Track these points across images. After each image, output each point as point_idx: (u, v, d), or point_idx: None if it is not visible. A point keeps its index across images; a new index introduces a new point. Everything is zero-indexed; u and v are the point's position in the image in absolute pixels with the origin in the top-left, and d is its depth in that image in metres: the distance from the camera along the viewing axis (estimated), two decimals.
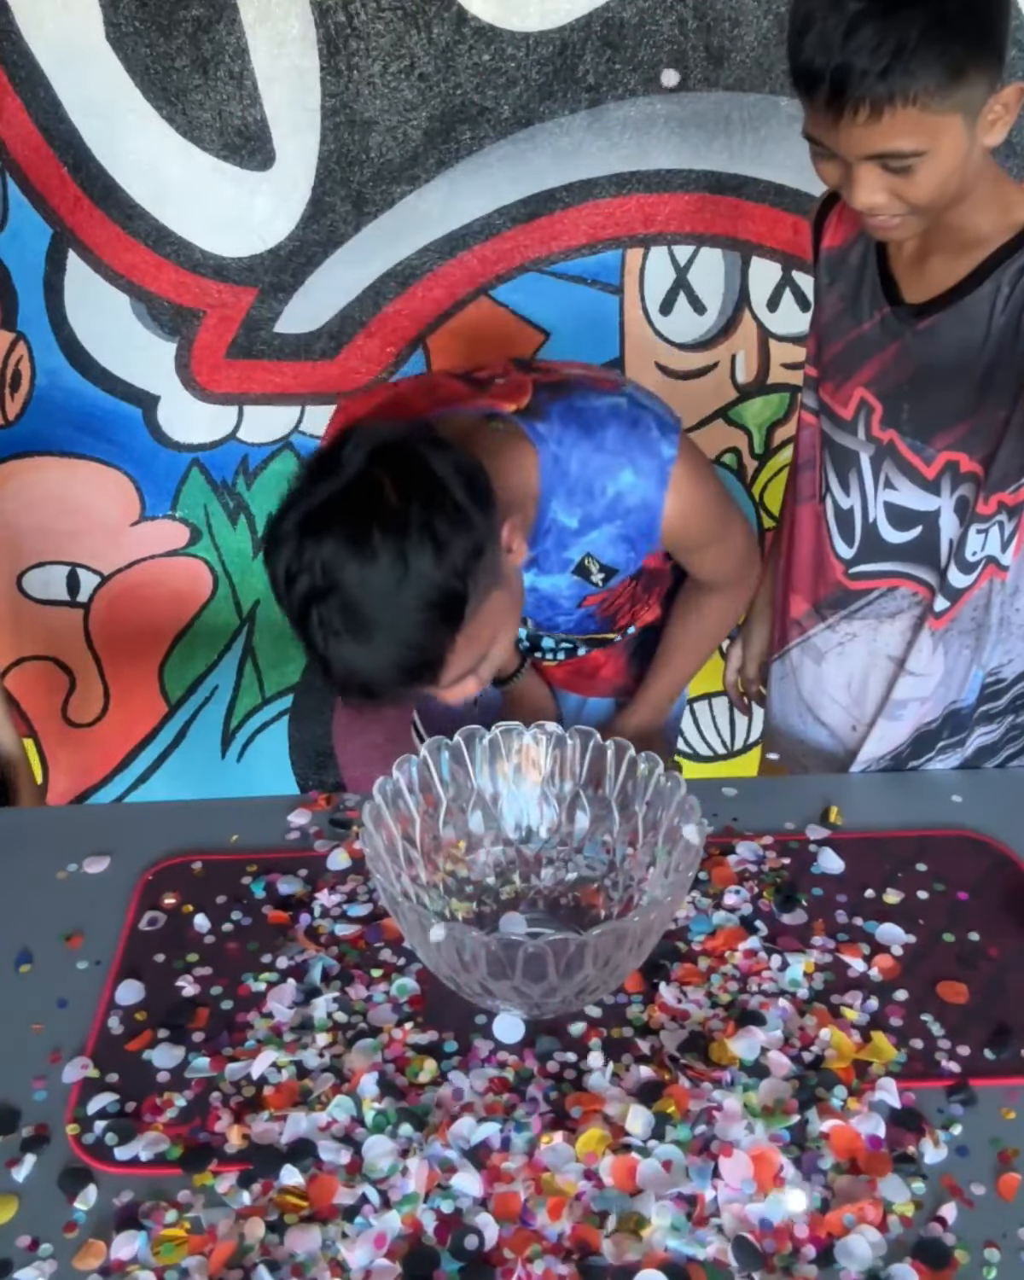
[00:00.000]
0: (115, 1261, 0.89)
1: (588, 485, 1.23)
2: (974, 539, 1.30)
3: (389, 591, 0.99)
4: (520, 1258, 0.87)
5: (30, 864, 1.26)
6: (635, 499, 1.24)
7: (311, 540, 1.00)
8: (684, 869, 1.03)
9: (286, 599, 1.02)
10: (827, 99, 1.07)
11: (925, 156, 1.08)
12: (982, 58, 1.05)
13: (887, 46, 1.02)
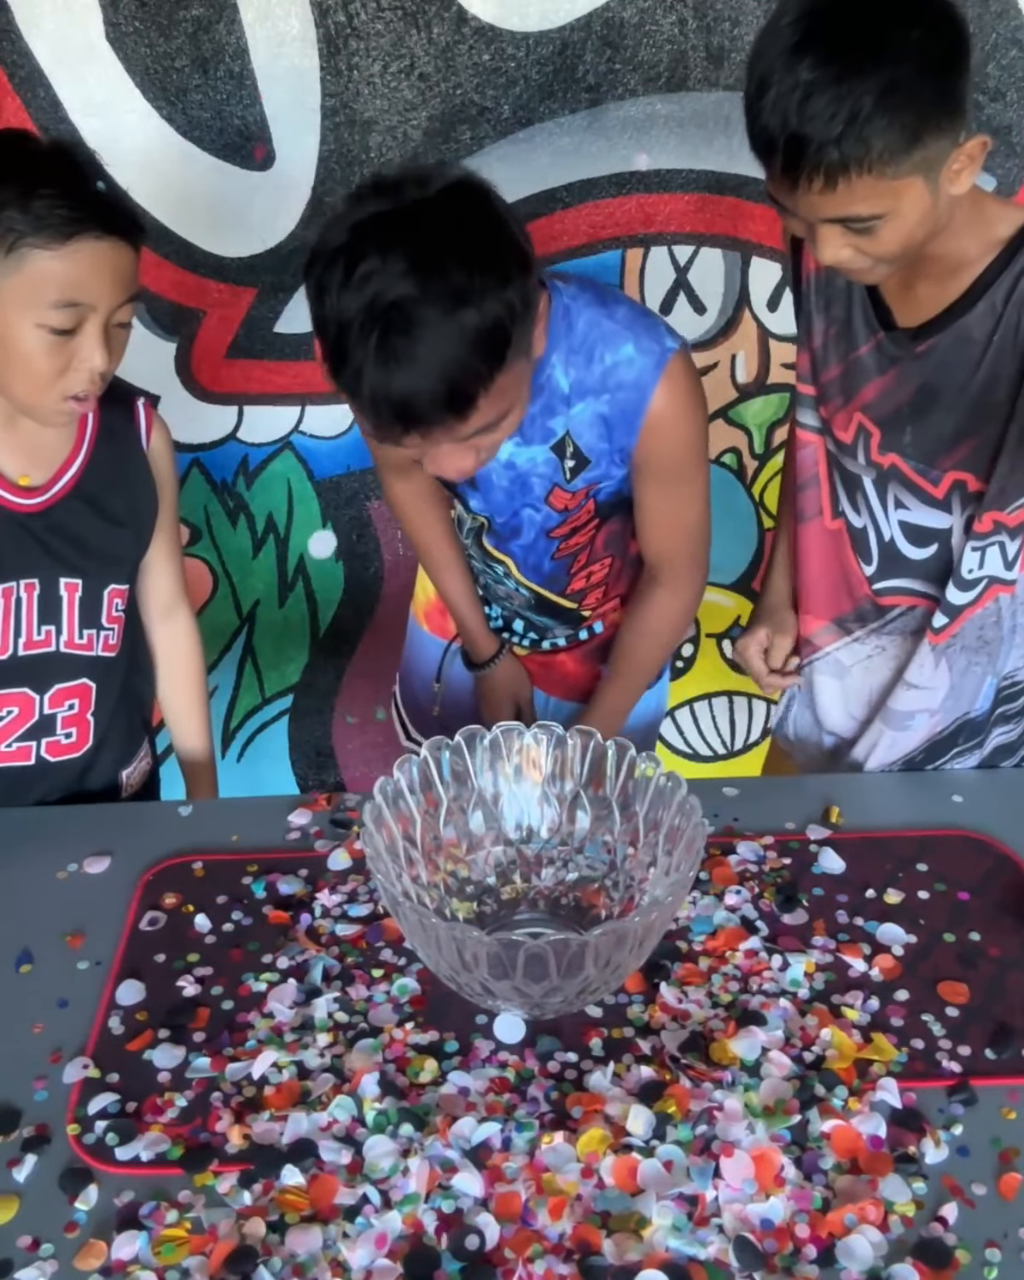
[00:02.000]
0: (116, 1262, 0.89)
1: (590, 348, 1.25)
2: (970, 556, 1.29)
3: (447, 312, 1.00)
4: (521, 1258, 0.87)
5: (30, 864, 1.26)
6: (630, 374, 1.26)
7: (374, 251, 1.00)
8: (685, 869, 1.03)
9: (331, 307, 1.03)
10: (782, 166, 1.06)
11: (886, 218, 1.08)
12: (939, 119, 1.03)
13: (840, 116, 1.00)
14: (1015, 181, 1.76)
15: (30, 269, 1.13)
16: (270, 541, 2.07)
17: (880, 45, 1.01)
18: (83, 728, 1.42)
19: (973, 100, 1.07)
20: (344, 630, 2.16)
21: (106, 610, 1.39)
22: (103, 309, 1.17)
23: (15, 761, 1.39)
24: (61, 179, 1.14)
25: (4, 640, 1.33)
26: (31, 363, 1.18)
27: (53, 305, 1.14)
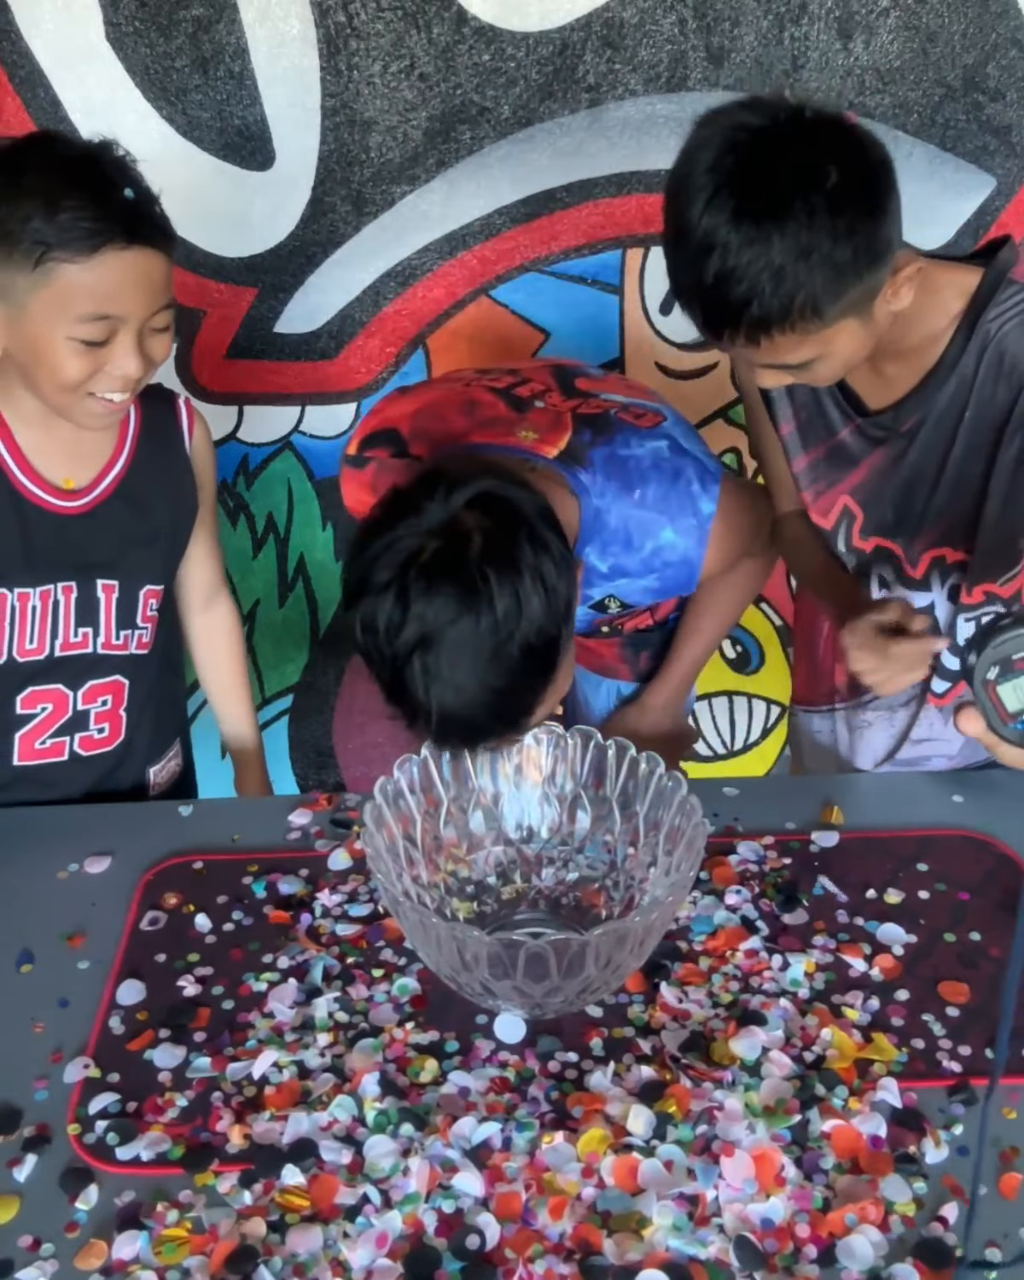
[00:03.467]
0: (117, 1261, 0.89)
1: (626, 538, 1.24)
2: (963, 626, 1.29)
3: (499, 640, 0.98)
4: (522, 1258, 0.87)
5: (31, 864, 1.26)
6: (675, 555, 1.25)
7: (418, 590, 0.98)
8: (685, 869, 1.03)
9: (384, 649, 1.00)
10: (703, 323, 1.05)
11: (820, 358, 1.07)
12: (862, 268, 1.01)
13: (758, 280, 0.98)
14: (1015, 182, 1.76)
15: (58, 282, 1.12)
16: (270, 541, 2.07)
17: (792, 203, 0.97)
18: (115, 723, 1.43)
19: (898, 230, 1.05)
20: (344, 630, 2.16)
21: (142, 610, 1.40)
22: (134, 320, 1.16)
23: (49, 758, 1.40)
24: (87, 187, 1.12)
25: (42, 642, 1.34)
26: (61, 371, 1.17)
27: (82, 319, 1.14)
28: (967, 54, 1.67)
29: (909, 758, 1.44)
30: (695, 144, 1.03)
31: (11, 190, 1.11)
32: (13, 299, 1.14)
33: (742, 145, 1.00)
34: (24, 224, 1.10)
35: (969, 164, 1.74)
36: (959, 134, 1.72)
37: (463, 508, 1.01)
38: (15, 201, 1.11)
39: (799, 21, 1.63)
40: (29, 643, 1.33)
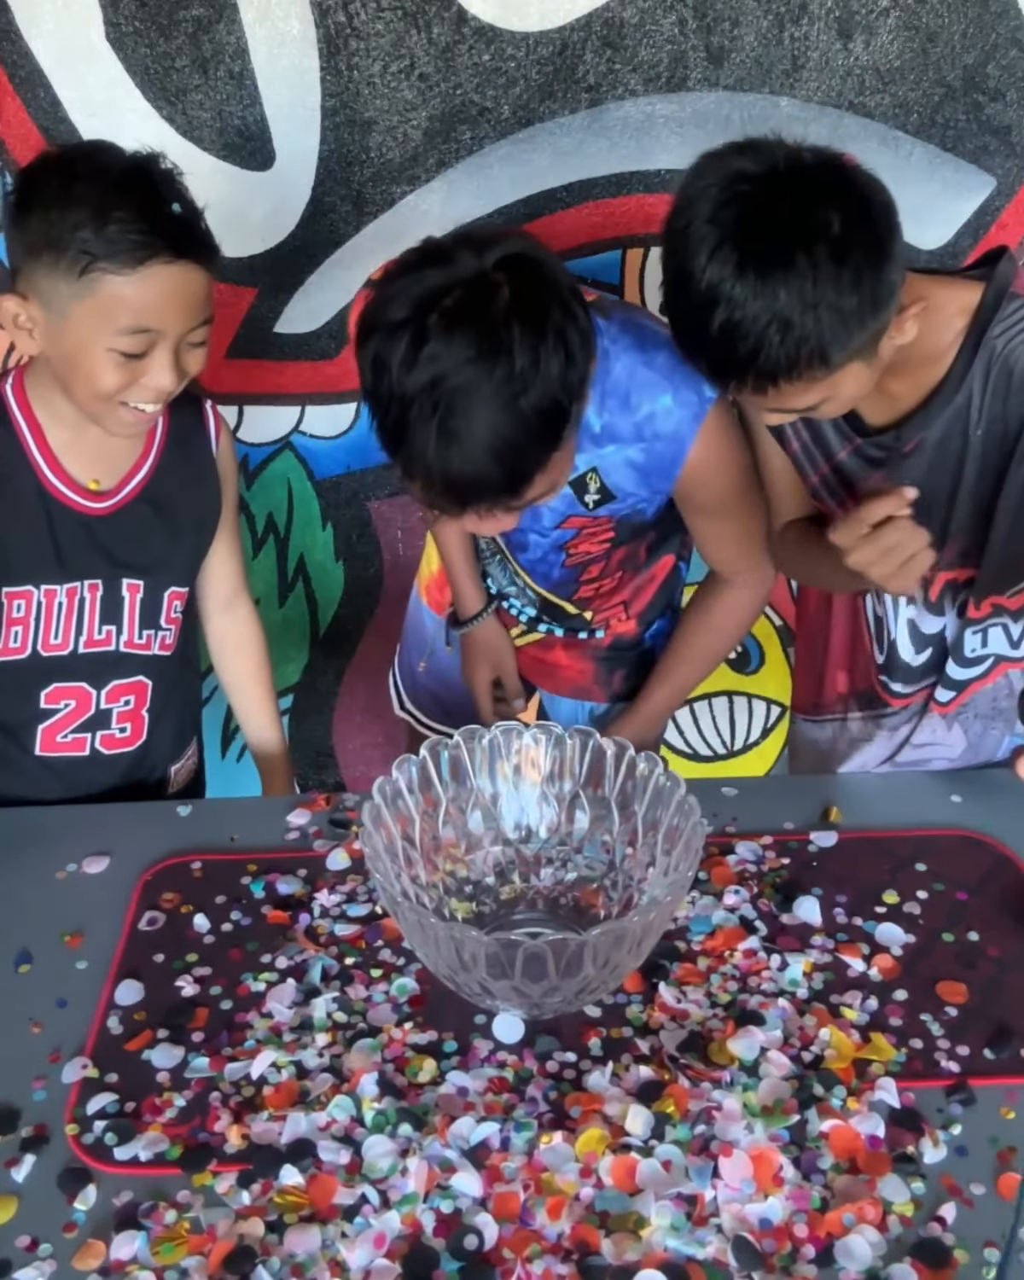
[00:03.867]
0: (115, 1262, 0.89)
1: (626, 395, 1.23)
2: (970, 639, 1.29)
3: (511, 399, 0.98)
4: (520, 1258, 0.87)
5: (30, 864, 1.26)
6: (668, 425, 1.24)
7: (437, 331, 0.98)
8: (684, 869, 1.03)
9: (390, 388, 1.01)
10: (709, 373, 1.05)
11: (826, 401, 1.07)
12: (866, 316, 1.01)
13: (763, 334, 0.98)
14: (1015, 182, 1.76)
15: (102, 293, 1.13)
16: (270, 541, 2.07)
17: (794, 256, 0.97)
18: (137, 723, 1.45)
19: (899, 240, 1.04)
20: (344, 630, 2.16)
21: (166, 611, 1.41)
22: (173, 334, 1.18)
23: (70, 752, 1.42)
24: (136, 200, 1.13)
25: (66, 638, 1.35)
26: (96, 381, 1.19)
27: (123, 331, 1.15)
28: (967, 54, 1.66)
29: (909, 760, 1.44)
30: (693, 194, 1.02)
31: (62, 198, 1.12)
32: (55, 306, 1.15)
33: (741, 196, 0.99)
34: (73, 232, 1.11)
35: (969, 164, 1.74)
36: (959, 134, 1.72)
37: (495, 266, 1.01)
38: (65, 209, 1.11)
39: (799, 21, 1.63)
40: (54, 638, 1.35)
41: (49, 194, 1.13)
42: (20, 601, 1.32)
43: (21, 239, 1.15)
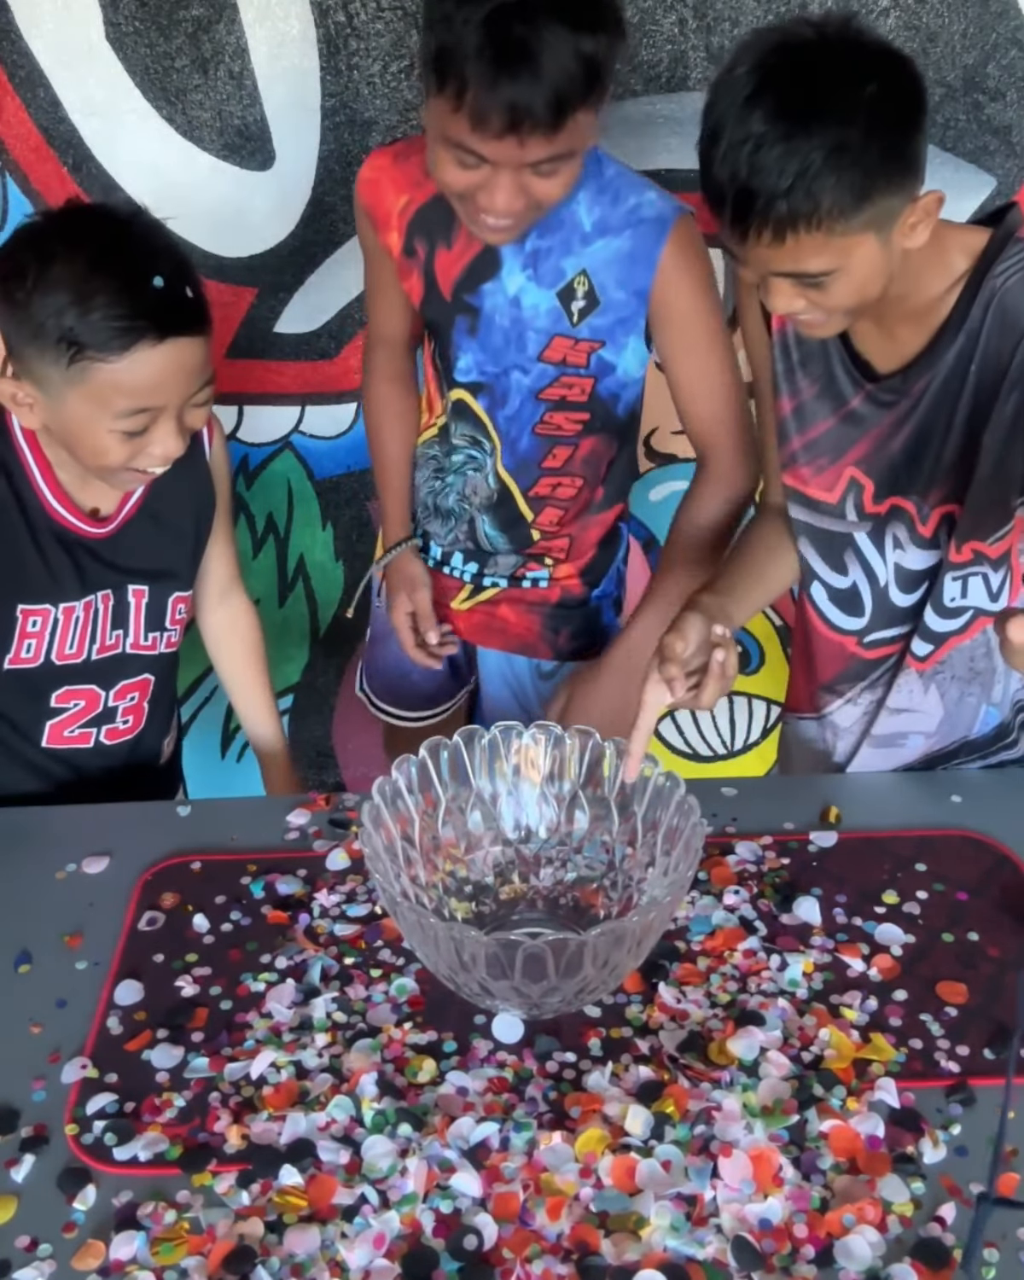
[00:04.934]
0: (114, 1262, 0.89)
1: (616, 190, 1.38)
2: (950, 586, 1.29)
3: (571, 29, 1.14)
4: (519, 1258, 0.87)
5: (30, 864, 1.26)
6: (651, 212, 1.37)
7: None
8: (683, 869, 1.03)
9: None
10: (731, 218, 1.06)
11: (837, 273, 1.08)
12: (890, 177, 1.03)
13: (788, 172, 1.00)
14: (1015, 181, 1.76)
15: (94, 381, 1.12)
16: (270, 541, 2.07)
17: (831, 102, 1.00)
18: (138, 715, 1.48)
19: (926, 155, 1.08)
20: (344, 630, 2.17)
21: (170, 614, 1.43)
22: (174, 406, 1.17)
23: (75, 744, 1.44)
24: (116, 279, 1.10)
25: (81, 646, 1.37)
26: (102, 458, 1.19)
27: (121, 414, 1.14)
28: (967, 54, 1.66)
29: (886, 733, 1.42)
30: (742, 48, 1.06)
31: (41, 281, 1.09)
32: (50, 390, 1.14)
33: (788, 48, 1.03)
34: (55, 319, 1.09)
35: (969, 164, 1.74)
36: (959, 134, 1.72)
37: None
38: (45, 294, 1.09)
39: None
40: (69, 648, 1.37)
41: (30, 277, 1.10)
42: (37, 618, 1.33)
43: (9, 323, 1.13)
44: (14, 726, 1.40)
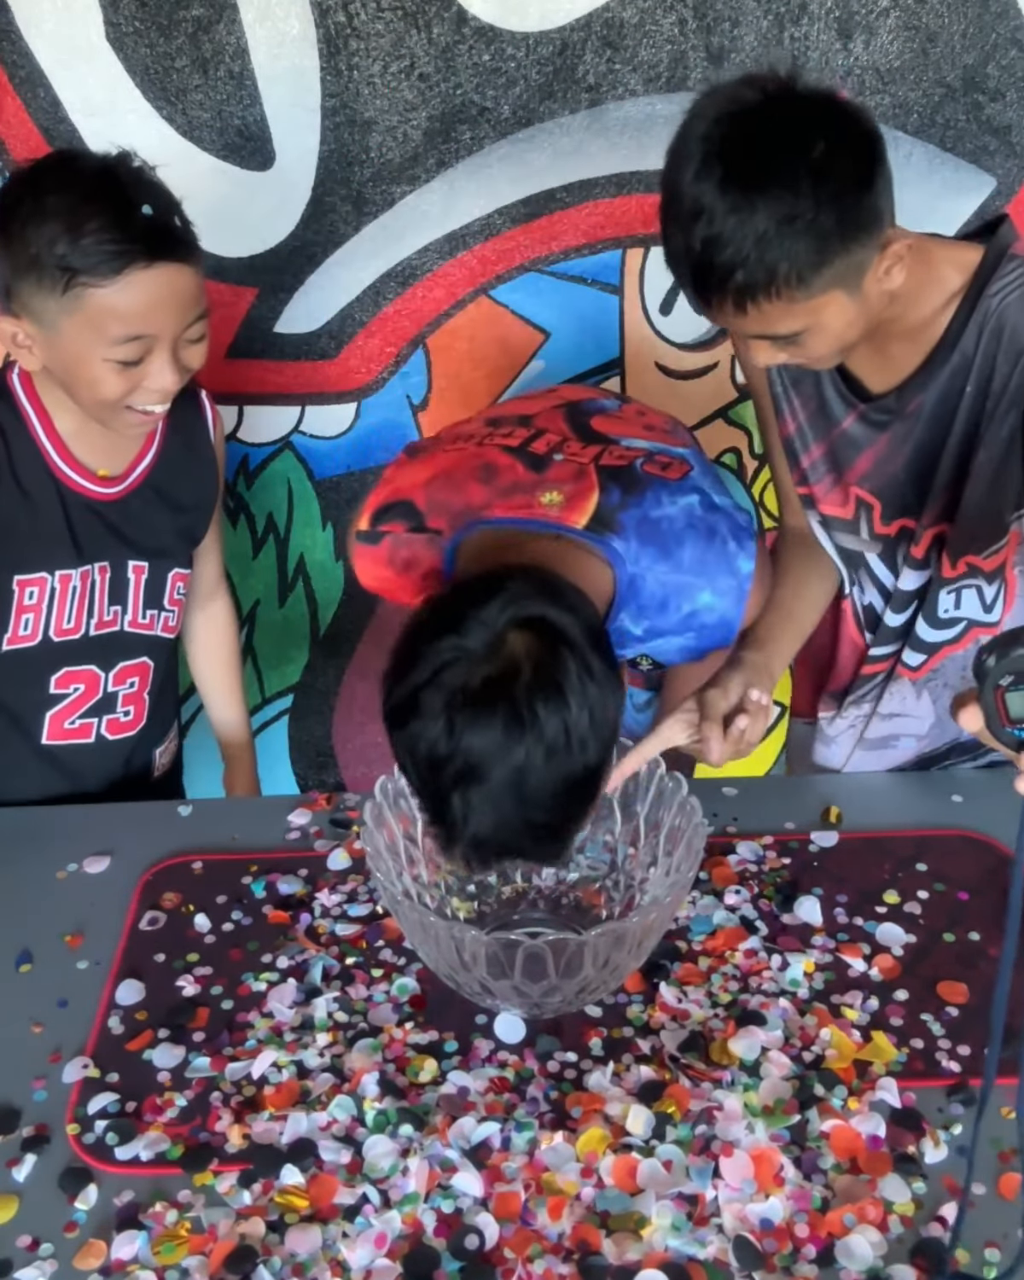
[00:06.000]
0: (116, 1261, 0.89)
1: (662, 602, 1.19)
2: (944, 599, 1.29)
3: (543, 779, 0.93)
4: (521, 1257, 0.87)
5: (30, 864, 1.26)
6: (713, 618, 1.21)
7: (465, 720, 0.92)
8: (685, 869, 1.03)
9: (428, 778, 0.96)
10: (691, 289, 1.05)
11: (809, 331, 1.07)
12: (848, 237, 1.01)
13: (740, 244, 0.99)
14: (1015, 181, 1.76)
15: (89, 307, 1.13)
16: (270, 541, 2.07)
17: (777, 171, 0.99)
18: (139, 706, 1.47)
19: (889, 205, 1.06)
20: (344, 630, 2.16)
21: (169, 592, 1.44)
22: (168, 335, 1.18)
23: (76, 739, 1.43)
24: (107, 207, 1.12)
25: (79, 620, 1.38)
26: (99, 389, 1.20)
27: (116, 341, 1.15)
28: (967, 54, 1.66)
29: (879, 736, 1.42)
30: (692, 116, 1.04)
31: (36, 214, 1.12)
32: (46, 322, 1.16)
33: (733, 117, 1.01)
34: (49, 248, 1.11)
35: (969, 164, 1.74)
36: (959, 134, 1.72)
37: (509, 626, 0.94)
38: (39, 225, 1.12)
39: (799, 21, 1.63)
40: (67, 622, 1.37)
41: (23, 212, 1.13)
42: (33, 589, 1.33)
43: (5, 260, 1.15)
44: (14, 720, 1.40)
